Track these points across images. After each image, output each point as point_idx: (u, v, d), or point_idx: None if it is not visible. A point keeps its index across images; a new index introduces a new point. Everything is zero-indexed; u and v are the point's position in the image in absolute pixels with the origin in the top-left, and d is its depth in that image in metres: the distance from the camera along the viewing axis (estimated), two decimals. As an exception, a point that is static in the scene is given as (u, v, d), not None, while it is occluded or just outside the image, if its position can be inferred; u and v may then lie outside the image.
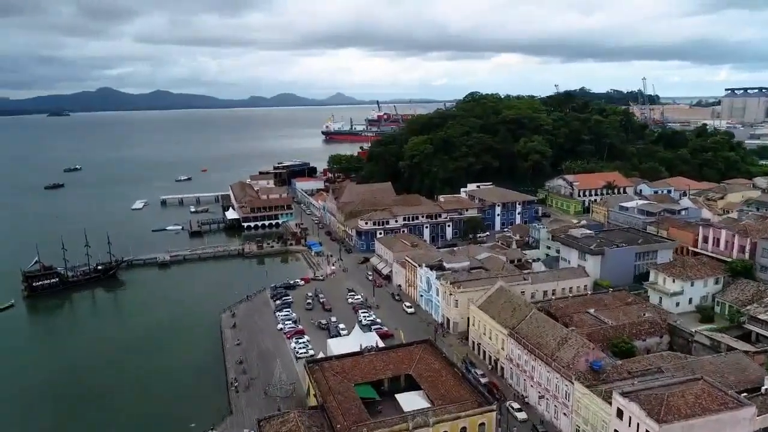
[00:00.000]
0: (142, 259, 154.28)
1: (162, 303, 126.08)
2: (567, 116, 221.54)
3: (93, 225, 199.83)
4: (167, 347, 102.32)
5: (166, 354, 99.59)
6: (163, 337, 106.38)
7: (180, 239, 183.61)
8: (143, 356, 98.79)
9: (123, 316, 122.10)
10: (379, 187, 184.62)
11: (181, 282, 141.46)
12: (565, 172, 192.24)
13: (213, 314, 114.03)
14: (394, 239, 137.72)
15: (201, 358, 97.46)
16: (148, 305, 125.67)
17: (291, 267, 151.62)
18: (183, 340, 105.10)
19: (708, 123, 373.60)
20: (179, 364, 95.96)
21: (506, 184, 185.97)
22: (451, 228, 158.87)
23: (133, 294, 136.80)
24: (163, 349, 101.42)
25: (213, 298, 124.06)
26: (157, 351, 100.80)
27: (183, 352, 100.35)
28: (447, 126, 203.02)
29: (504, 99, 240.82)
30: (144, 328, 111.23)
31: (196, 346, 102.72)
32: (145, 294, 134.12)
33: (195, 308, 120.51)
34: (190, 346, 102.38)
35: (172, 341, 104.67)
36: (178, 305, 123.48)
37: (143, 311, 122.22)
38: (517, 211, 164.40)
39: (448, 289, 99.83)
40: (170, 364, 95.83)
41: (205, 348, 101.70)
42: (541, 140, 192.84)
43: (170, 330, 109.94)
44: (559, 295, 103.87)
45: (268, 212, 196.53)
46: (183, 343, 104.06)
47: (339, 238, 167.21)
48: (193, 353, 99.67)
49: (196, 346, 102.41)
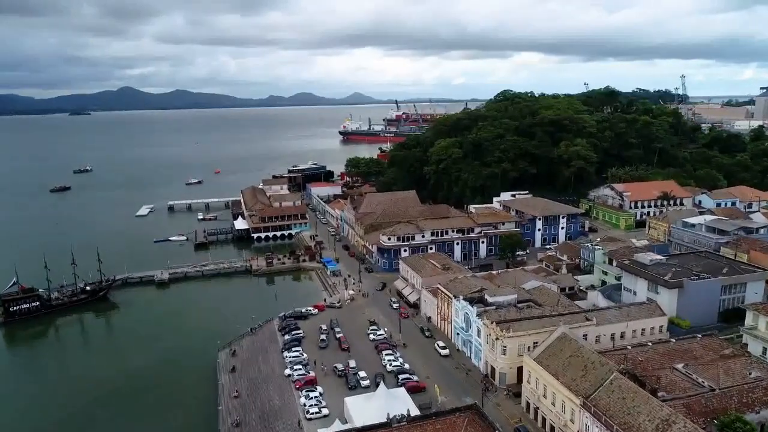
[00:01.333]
0: (138, 277, 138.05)
1: (153, 334, 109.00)
2: (612, 117, 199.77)
3: (91, 235, 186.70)
4: (149, 400, 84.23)
5: (146, 410, 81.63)
6: (147, 387, 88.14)
7: (184, 251, 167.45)
8: (118, 412, 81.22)
9: (106, 352, 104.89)
10: (402, 195, 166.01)
11: (179, 305, 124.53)
12: (611, 180, 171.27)
13: (210, 352, 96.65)
14: (421, 260, 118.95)
15: (189, 421, 79.22)
16: (137, 336, 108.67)
17: (303, 288, 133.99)
18: (170, 390, 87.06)
19: (741, 123, 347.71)
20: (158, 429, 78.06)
21: (545, 193, 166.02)
22: (486, 245, 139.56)
23: (123, 320, 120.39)
24: (144, 404, 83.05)
25: (212, 328, 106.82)
26: (137, 405, 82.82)
27: (167, 408, 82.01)
28: (478, 128, 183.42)
29: (540, 98, 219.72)
30: (126, 373, 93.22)
31: (185, 398, 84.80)
32: (136, 321, 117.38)
33: (190, 342, 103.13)
34: (177, 399, 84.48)
35: (157, 392, 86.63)
36: (171, 336, 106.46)
37: (130, 345, 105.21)
38: (560, 226, 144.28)
39: (493, 331, 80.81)
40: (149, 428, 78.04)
41: (196, 400, 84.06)
42: (584, 144, 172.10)
43: (157, 374, 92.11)
44: (630, 339, 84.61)
45: (280, 222, 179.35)
46: (169, 394, 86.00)
47: (358, 255, 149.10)
48: (180, 409, 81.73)
49: (184, 400, 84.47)
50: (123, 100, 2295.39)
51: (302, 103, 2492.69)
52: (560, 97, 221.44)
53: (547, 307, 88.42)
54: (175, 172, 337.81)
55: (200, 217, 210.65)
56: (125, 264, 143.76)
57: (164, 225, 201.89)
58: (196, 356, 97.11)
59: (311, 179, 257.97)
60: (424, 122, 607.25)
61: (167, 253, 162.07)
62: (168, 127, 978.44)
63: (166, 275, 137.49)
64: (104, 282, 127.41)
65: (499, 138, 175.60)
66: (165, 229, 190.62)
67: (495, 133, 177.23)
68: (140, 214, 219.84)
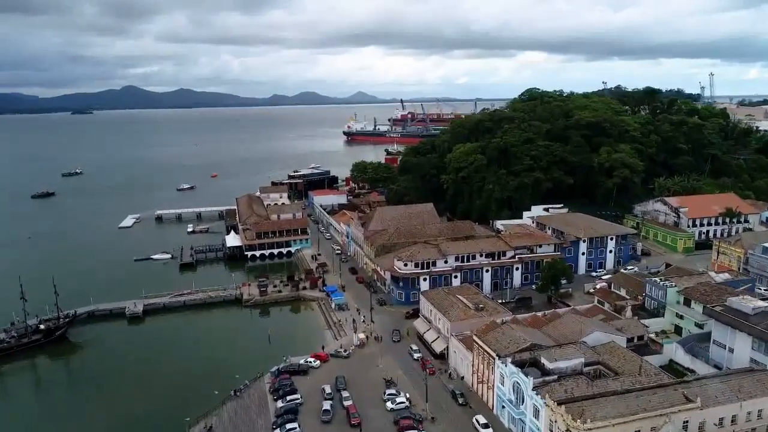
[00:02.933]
0: (108, 309, 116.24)
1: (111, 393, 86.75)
2: (657, 119, 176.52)
3: (65, 251, 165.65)
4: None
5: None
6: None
7: (167, 272, 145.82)
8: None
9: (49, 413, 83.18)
10: (418, 209, 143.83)
11: (151, 349, 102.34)
12: (658, 192, 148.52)
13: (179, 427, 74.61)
14: (447, 296, 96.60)
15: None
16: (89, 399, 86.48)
17: (303, 324, 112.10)
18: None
19: (761, 124, 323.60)
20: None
21: (582, 207, 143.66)
22: (521, 272, 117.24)
23: (79, 370, 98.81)
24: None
25: (186, 388, 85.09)
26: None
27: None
28: (503, 131, 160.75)
29: (572, 97, 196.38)
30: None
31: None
32: (95, 371, 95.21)
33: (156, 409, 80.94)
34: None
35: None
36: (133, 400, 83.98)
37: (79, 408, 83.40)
38: (608, 249, 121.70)
39: (561, 418, 58.58)
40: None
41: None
42: (629, 150, 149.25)
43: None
44: (743, 424, 62.36)
45: (278, 238, 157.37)
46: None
47: (367, 280, 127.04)
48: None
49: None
50: (127, 98, 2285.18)
51: (306, 102, 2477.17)
52: (592, 96, 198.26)
53: (627, 377, 66.18)
54: (169, 176, 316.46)
55: (190, 229, 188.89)
56: (96, 291, 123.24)
57: (149, 239, 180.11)
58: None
59: (314, 186, 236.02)
60: (431, 122, 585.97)
61: (147, 275, 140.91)
62: (169, 126, 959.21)
63: (140, 307, 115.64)
64: (62, 318, 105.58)
65: (528, 143, 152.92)
66: (149, 244, 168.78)
67: (523, 137, 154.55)
68: (124, 225, 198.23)
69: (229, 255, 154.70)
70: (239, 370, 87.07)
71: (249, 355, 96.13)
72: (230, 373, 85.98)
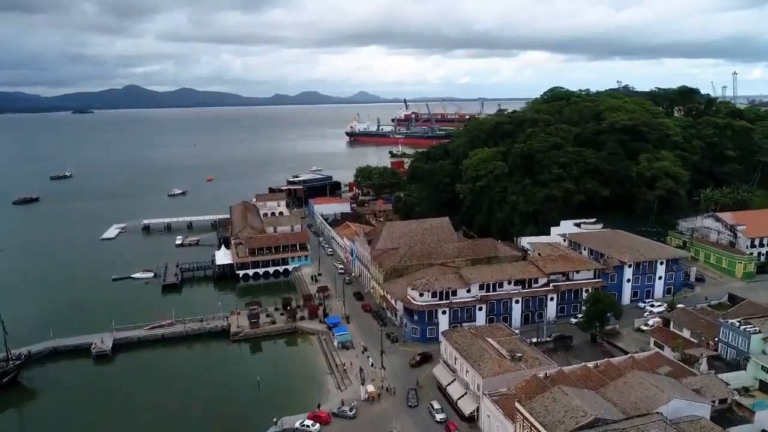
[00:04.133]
0: (72, 345, 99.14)
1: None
2: (698, 122, 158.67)
3: (37, 268, 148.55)
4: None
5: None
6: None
7: (148, 294, 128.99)
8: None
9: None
10: (432, 224, 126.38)
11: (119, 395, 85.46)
12: (704, 205, 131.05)
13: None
14: (475, 339, 79.14)
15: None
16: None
17: (299, 365, 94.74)
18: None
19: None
20: None
21: (619, 222, 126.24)
22: (556, 302, 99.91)
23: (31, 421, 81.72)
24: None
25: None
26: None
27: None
28: (526, 135, 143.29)
29: (600, 96, 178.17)
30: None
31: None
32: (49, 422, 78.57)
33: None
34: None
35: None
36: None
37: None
38: (657, 275, 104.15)
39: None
40: None
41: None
42: (672, 158, 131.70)
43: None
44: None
45: (274, 255, 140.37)
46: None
47: (375, 309, 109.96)
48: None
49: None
50: (128, 98, 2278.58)
51: (307, 102, 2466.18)
52: (621, 96, 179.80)
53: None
54: (163, 179, 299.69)
55: (178, 242, 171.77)
56: (63, 320, 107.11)
57: (132, 252, 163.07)
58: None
59: (314, 192, 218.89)
60: (436, 122, 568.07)
61: (124, 298, 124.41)
62: (170, 126, 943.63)
63: (109, 342, 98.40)
64: (12, 360, 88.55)
65: (556, 149, 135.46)
66: (131, 259, 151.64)
67: (550, 142, 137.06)
68: (107, 236, 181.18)
69: (219, 274, 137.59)
70: (221, 428, 70.25)
71: (235, 405, 79.42)
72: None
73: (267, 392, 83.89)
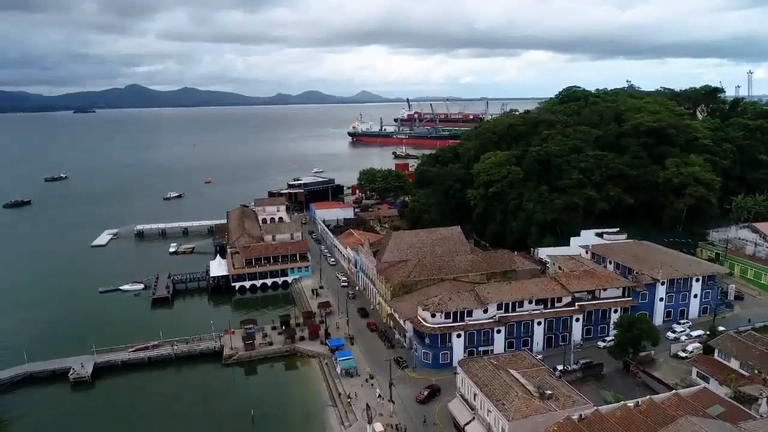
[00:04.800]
0: (50, 370, 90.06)
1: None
2: (728, 124, 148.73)
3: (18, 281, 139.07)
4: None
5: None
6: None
7: (136, 309, 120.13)
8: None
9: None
10: (443, 234, 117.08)
11: (97, 427, 76.59)
12: (735, 213, 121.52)
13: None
14: (497, 372, 69.79)
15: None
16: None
17: (299, 394, 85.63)
18: None
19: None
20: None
21: (643, 232, 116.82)
22: (581, 323, 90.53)
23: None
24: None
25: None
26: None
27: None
28: (543, 137, 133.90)
29: (620, 96, 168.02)
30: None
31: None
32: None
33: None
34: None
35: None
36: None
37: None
38: (692, 293, 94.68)
39: None
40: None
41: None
42: (701, 163, 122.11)
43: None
44: None
45: (273, 265, 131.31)
46: None
47: (382, 329, 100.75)
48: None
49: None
50: (131, 97, 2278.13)
51: (310, 102, 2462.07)
52: (642, 96, 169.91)
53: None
54: (160, 181, 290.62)
55: (172, 249, 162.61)
56: (41, 340, 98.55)
57: (123, 261, 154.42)
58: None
59: (316, 196, 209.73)
60: (440, 122, 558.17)
61: (110, 314, 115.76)
62: (170, 126, 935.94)
63: (89, 367, 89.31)
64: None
65: (575, 152, 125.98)
66: (122, 269, 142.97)
67: (569, 146, 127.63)
68: (97, 243, 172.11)
69: (214, 286, 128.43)
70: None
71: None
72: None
73: (262, 427, 74.95)
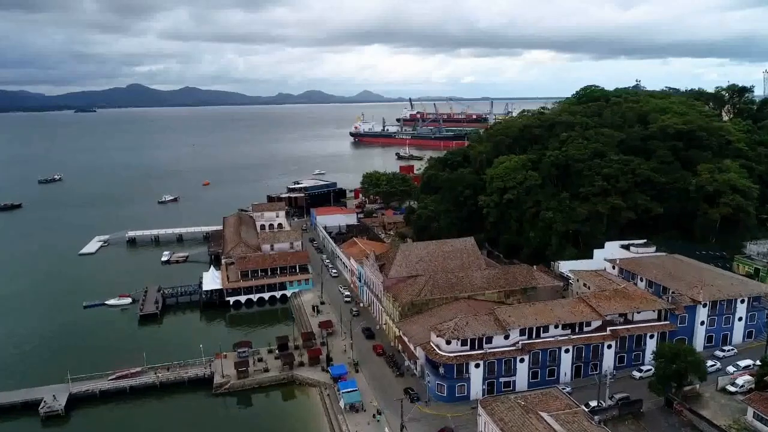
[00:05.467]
0: (18, 402, 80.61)
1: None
2: (761, 126, 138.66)
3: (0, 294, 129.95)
4: None
5: None
6: None
7: (121, 327, 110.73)
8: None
9: None
10: (455, 246, 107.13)
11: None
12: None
13: None
14: (525, 415, 60.18)
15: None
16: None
17: (298, 422, 76.18)
18: None
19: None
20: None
21: (673, 244, 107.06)
22: (614, 351, 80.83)
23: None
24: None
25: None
26: None
27: None
28: (560, 140, 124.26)
29: (640, 95, 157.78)
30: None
31: None
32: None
33: None
34: None
35: None
36: None
37: None
38: (737, 316, 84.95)
39: None
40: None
41: None
42: (738, 169, 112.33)
43: None
44: None
45: (270, 278, 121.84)
46: None
47: (390, 353, 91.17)
48: None
49: None
50: (132, 97, 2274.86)
51: (312, 101, 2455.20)
52: (667, 95, 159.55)
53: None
54: (156, 183, 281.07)
55: (165, 258, 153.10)
56: (14, 363, 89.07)
57: (112, 271, 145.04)
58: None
59: (317, 200, 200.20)
60: (444, 122, 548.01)
61: (93, 333, 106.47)
62: (172, 125, 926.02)
63: (63, 399, 79.86)
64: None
65: (598, 157, 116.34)
66: (110, 280, 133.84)
67: (590, 150, 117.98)
68: (86, 251, 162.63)
69: (206, 301, 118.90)
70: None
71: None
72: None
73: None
